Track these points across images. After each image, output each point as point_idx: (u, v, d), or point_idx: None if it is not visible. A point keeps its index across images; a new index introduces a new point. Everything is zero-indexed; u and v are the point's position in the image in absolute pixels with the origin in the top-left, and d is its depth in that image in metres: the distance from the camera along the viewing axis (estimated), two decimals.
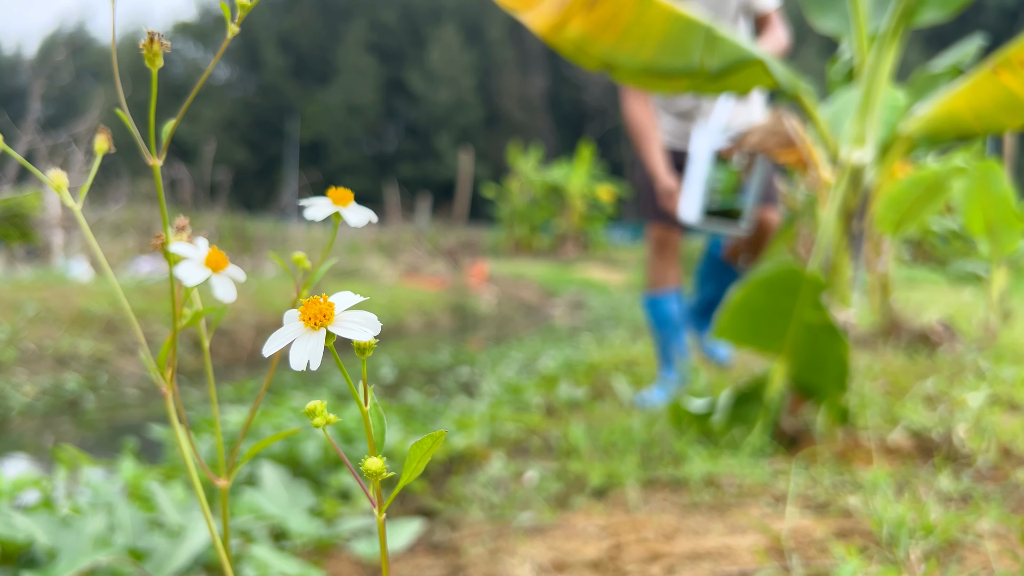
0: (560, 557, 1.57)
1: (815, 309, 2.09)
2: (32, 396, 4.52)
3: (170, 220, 0.75)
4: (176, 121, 0.69)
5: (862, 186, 2.17)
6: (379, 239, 15.79)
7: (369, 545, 1.80)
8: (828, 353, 2.12)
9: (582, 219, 20.37)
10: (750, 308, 2.21)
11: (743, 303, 2.20)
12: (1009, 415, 2.32)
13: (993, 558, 1.35)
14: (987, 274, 3.80)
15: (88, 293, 6.33)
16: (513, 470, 2.40)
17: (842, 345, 2.09)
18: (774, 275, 2.15)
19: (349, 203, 0.69)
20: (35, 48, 46.41)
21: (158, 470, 2.24)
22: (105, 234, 10.34)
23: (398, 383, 4.90)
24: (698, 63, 2.16)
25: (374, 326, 0.50)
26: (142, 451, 2.73)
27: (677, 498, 1.91)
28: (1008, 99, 2.04)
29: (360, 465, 0.51)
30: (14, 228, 7.26)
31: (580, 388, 3.65)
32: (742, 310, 2.22)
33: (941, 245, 7.23)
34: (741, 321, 2.25)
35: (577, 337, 7.46)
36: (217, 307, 0.75)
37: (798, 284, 2.10)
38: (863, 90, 2.19)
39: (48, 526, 1.57)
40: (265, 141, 46.69)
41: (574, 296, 13.12)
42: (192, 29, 51.30)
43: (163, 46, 0.66)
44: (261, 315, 7.02)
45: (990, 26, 36.44)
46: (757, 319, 2.21)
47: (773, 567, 1.39)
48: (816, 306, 2.08)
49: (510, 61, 47.89)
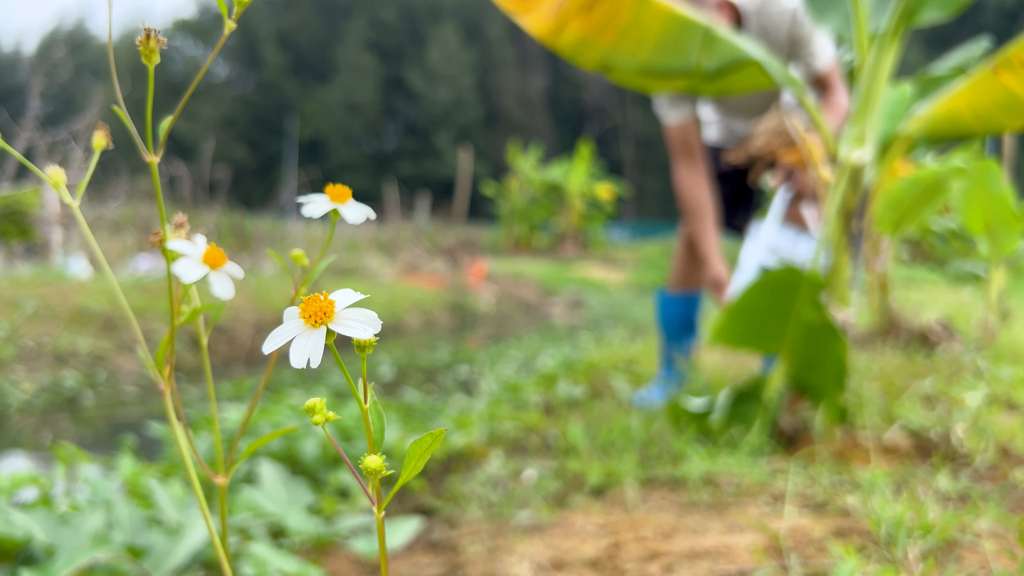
0: (558, 555, 1.57)
1: (814, 308, 2.09)
2: (31, 393, 4.52)
3: (168, 217, 0.75)
4: (174, 117, 0.69)
5: (862, 185, 2.17)
6: (378, 237, 15.78)
7: (368, 543, 1.80)
8: (826, 352, 2.12)
9: (581, 218, 20.37)
10: (749, 309, 2.21)
11: (742, 305, 2.20)
12: (1007, 415, 2.32)
13: (991, 557, 1.35)
14: (986, 274, 3.81)
15: (87, 291, 6.33)
16: (512, 469, 2.40)
17: (840, 344, 2.09)
18: (773, 276, 2.15)
19: (347, 200, 0.69)
20: (34, 45, 46.41)
21: (156, 468, 2.24)
22: (104, 232, 10.33)
23: (397, 381, 4.90)
24: (695, 63, 2.17)
25: (374, 324, 0.50)
26: (140, 449, 2.73)
27: (676, 497, 1.91)
28: (1008, 99, 2.05)
29: (359, 463, 0.51)
30: (13, 225, 7.26)
31: (579, 387, 3.65)
32: (740, 312, 2.22)
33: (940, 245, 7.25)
34: (740, 323, 2.25)
35: (576, 336, 7.46)
36: (215, 304, 0.75)
37: (797, 284, 2.10)
38: (863, 90, 2.19)
39: (46, 523, 1.56)
40: (264, 139, 46.67)
41: (573, 295, 13.12)
42: (192, 27, 51.27)
43: (160, 43, 0.66)
44: (260, 313, 7.02)
45: (990, 26, 36.45)
46: (756, 320, 2.21)
47: (771, 566, 1.39)
48: (815, 305, 2.08)
49: (509, 60, 47.90)
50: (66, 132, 9.21)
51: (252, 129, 47.19)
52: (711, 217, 2.98)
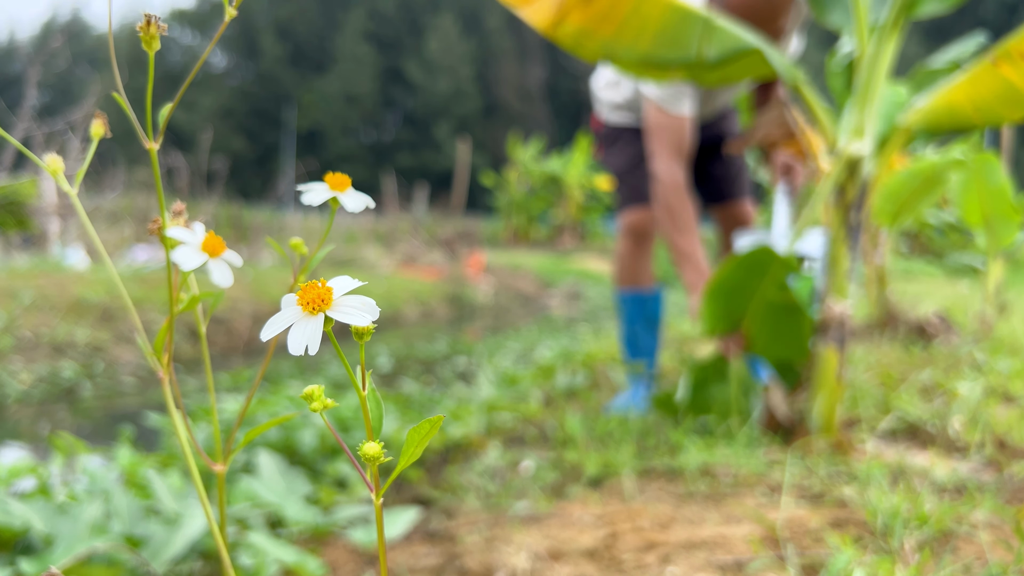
0: (556, 545, 1.58)
1: (779, 290, 2.16)
2: (28, 384, 4.52)
3: (167, 206, 0.74)
4: (173, 105, 0.69)
5: (860, 177, 2.17)
6: (376, 229, 15.77)
7: (366, 533, 1.80)
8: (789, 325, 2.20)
9: (580, 210, 20.34)
10: (723, 290, 2.25)
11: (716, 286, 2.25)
12: (1004, 407, 2.33)
13: (987, 548, 1.36)
14: (983, 266, 3.81)
15: (84, 281, 6.32)
16: (509, 459, 2.41)
17: (805, 320, 2.17)
18: (748, 256, 2.19)
19: (346, 188, 0.69)
20: (31, 35, 46.21)
21: (155, 458, 2.24)
22: (101, 223, 10.31)
23: (395, 373, 4.90)
24: (695, 53, 2.16)
25: (372, 311, 0.50)
26: (138, 439, 2.73)
27: (673, 488, 1.91)
28: (1008, 91, 2.04)
29: (357, 450, 0.51)
30: (10, 216, 7.24)
31: (577, 376, 3.65)
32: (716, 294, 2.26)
33: (938, 238, 7.25)
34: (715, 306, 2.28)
35: (574, 328, 7.46)
36: (214, 292, 0.75)
37: (768, 264, 2.16)
38: (862, 82, 2.18)
39: (44, 513, 1.57)
40: (262, 130, 46.57)
41: (571, 287, 13.11)
42: (189, 17, 51.13)
43: (160, 28, 0.66)
44: (258, 304, 7.02)
45: (990, 18, 36.39)
46: (729, 300, 2.26)
47: (768, 556, 1.40)
48: (781, 287, 2.15)
49: (508, 51, 47.78)
50: (63, 122, 9.19)
51: (250, 120, 47.08)
52: (697, 229, 2.63)
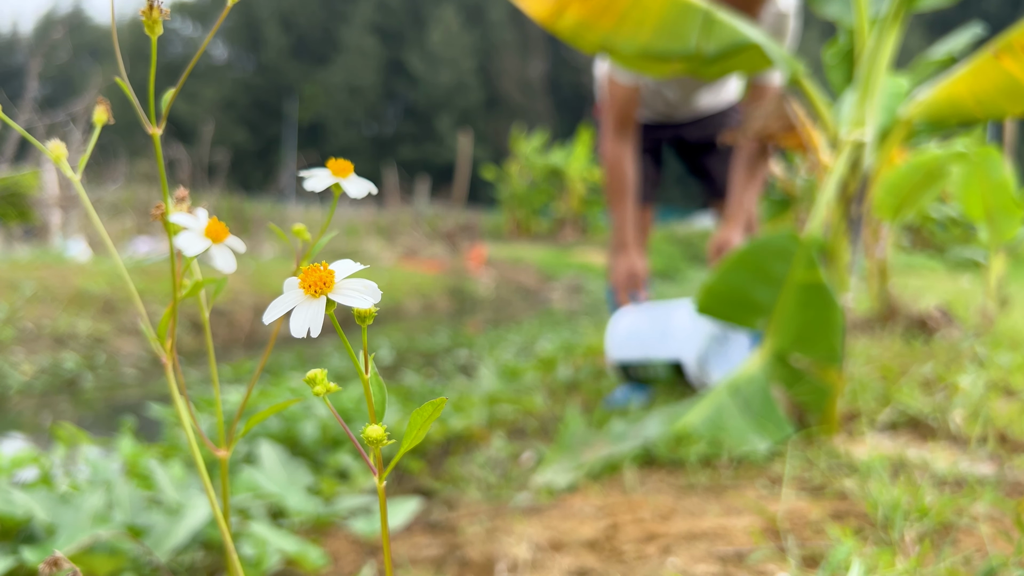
0: (557, 536, 1.58)
1: (808, 268, 2.07)
2: (30, 375, 4.53)
3: (170, 195, 0.75)
4: (176, 90, 0.69)
5: (861, 170, 2.16)
6: (377, 221, 15.76)
7: (367, 523, 1.81)
8: (821, 321, 2.09)
9: (581, 203, 20.31)
10: (735, 280, 2.19)
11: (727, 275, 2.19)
12: (1005, 400, 2.33)
13: (987, 540, 1.36)
14: (985, 261, 3.81)
15: (86, 273, 6.33)
16: (511, 451, 2.41)
17: (836, 311, 2.06)
18: (764, 244, 2.15)
19: (349, 175, 0.69)
20: (32, 27, 46.18)
21: (156, 449, 2.25)
22: (103, 214, 10.31)
23: (396, 365, 4.91)
24: (695, 46, 2.16)
25: (374, 294, 0.50)
26: (140, 430, 2.73)
27: (674, 479, 1.91)
28: (1009, 84, 2.04)
29: (361, 433, 0.51)
30: (12, 207, 7.24)
31: (579, 370, 3.66)
32: (724, 283, 2.21)
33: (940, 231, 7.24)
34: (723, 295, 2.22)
35: (575, 321, 7.47)
36: (217, 279, 0.75)
37: (793, 249, 2.09)
38: (863, 74, 2.18)
39: (47, 502, 1.57)
40: (264, 122, 46.53)
41: (572, 280, 13.11)
42: (190, 8, 51.02)
43: (163, 13, 0.66)
44: (259, 296, 7.02)
45: (992, 11, 36.27)
46: (743, 290, 2.20)
47: (769, 548, 1.40)
48: (809, 264, 2.07)
49: (510, 43, 47.69)
50: (65, 114, 9.18)
51: (252, 112, 47.04)
52: (633, 199, 2.80)
